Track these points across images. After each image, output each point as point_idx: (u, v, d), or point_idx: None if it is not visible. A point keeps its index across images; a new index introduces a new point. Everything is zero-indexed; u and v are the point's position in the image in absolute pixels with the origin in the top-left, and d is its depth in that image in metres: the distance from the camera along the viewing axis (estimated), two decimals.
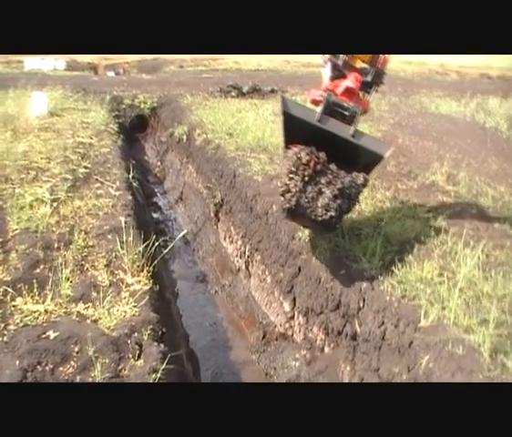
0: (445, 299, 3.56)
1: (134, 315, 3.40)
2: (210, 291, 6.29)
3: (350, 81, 3.85)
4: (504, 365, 2.90)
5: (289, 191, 3.69)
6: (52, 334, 3.06)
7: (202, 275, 6.65)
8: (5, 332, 3.08)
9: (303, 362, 4.44)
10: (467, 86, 15.61)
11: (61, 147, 6.85)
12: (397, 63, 19.76)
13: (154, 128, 12.17)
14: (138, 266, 4.05)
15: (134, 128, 12.05)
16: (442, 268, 3.97)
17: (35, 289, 3.49)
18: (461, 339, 3.14)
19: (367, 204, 5.13)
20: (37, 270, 3.80)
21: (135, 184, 6.62)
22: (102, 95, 11.75)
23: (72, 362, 2.89)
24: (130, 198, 5.60)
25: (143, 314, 3.43)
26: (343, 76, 3.92)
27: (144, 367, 2.96)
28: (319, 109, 3.79)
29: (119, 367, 2.94)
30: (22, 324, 3.16)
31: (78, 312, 3.36)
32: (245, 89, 13.10)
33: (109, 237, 4.44)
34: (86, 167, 6.21)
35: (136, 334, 3.19)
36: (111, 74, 18.78)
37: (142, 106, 12.14)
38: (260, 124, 8.77)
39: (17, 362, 2.80)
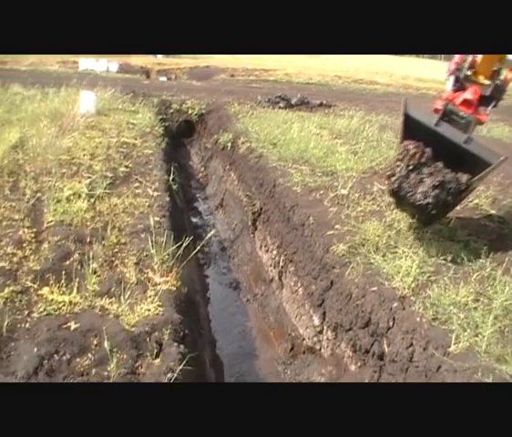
0: (478, 325, 3.41)
1: (157, 314, 3.38)
2: (242, 299, 6.24)
3: (468, 93, 4.29)
4: None
5: (394, 175, 4.19)
6: (73, 325, 3.07)
7: (236, 282, 6.61)
8: (28, 319, 3.12)
9: (329, 379, 4.33)
10: None
11: (104, 146, 6.98)
12: None
13: (200, 134, 12.25)
14: (168, 266, 4.03)
15: (181, 133, 12.17)
16: (478, 293, 3.82)
17: (63, 281, 3.53)
18: (492, 368, 2.99)
19: (405, 222, 4.99)
20: (67, 262, 3.84)
21: (174, 187, 6.65)
22: (151, 98, 11.96)
23: (89, 355, 2.89)
24: (168, 199, 5.62)
25: (166, 314, 3.40)
26: (464, 89, 4.37)
27: (161, 366, 2.93)
28: (437, 115, 4.22)
29: (136, 364, 2.93)
30: (45, 313, 3.19)
31: (102, 306, 3.37)
32: (293, 101, 13.07)
33: (142, 236, 4.46)
34: (127, 167, 6.29)
35: (156, 333, 3.17)
36: (163, 79, 19.07)
37: (190, 111, 12.25)
38: (304, 136, 8.71)
39: (35, 349, 2.82)
